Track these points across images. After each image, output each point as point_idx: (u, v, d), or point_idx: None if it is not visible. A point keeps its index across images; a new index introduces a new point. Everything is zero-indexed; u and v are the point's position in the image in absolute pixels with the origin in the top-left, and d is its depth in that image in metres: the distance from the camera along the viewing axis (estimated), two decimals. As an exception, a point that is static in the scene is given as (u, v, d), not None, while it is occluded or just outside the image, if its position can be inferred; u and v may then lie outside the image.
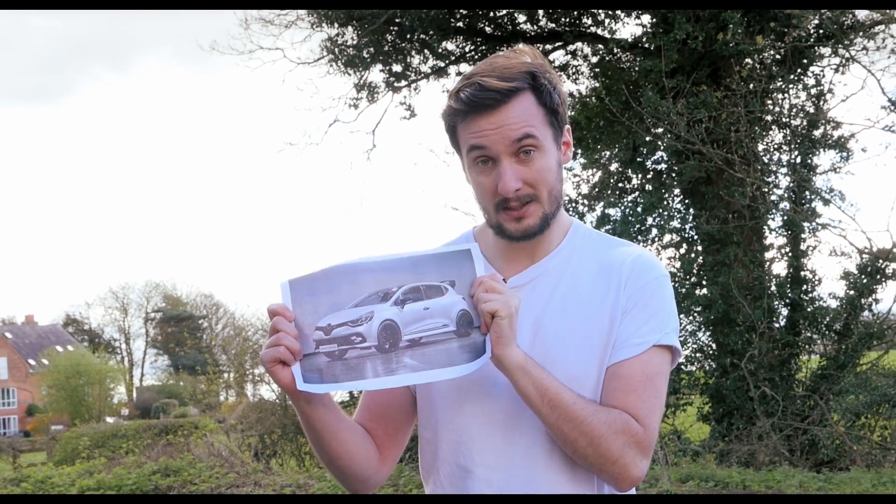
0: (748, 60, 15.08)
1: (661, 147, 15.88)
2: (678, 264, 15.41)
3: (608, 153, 17.58)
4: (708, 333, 15.20)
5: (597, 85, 17.55)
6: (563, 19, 17.47)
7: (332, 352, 2.15)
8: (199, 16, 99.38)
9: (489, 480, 2.28)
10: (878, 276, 14.22)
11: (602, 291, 2.30)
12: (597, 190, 17.07)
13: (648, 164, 16.76)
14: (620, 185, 17.13)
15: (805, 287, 14.71)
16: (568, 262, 2.35)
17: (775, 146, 15.69)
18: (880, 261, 14.11)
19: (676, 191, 16.05)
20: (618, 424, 2.18)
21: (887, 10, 13.77)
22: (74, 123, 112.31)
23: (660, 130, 15.22)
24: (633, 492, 2.36)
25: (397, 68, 18.47)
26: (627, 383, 2.24)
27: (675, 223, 16.01)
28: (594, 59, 18.07)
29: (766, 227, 15.34)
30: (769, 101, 15.14)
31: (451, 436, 2.33)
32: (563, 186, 2.36)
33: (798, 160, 15.03)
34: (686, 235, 15.90)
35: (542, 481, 2.26)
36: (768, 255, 15.41)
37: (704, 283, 15.27)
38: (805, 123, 15.07)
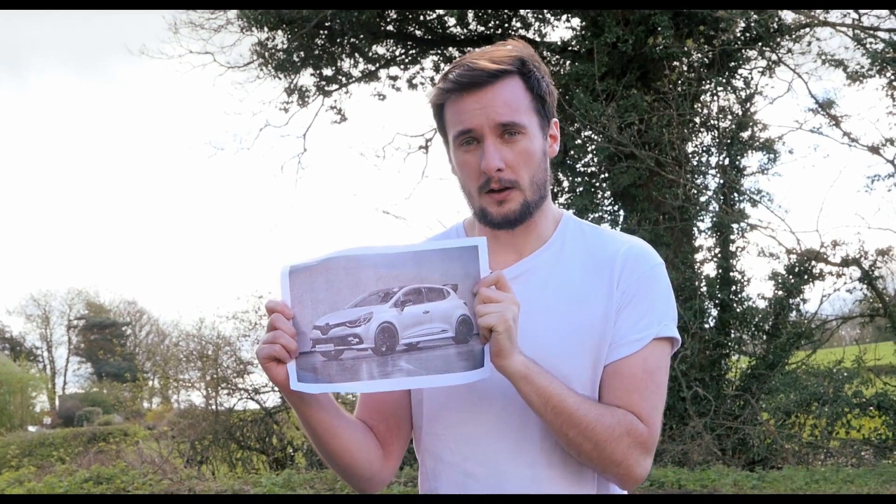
0: (677, 64, 15.23)
1: (592, 149, 15.96)
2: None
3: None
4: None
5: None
6: (491, 22, 17.52)
7: (328, 352, 2.13)
8: (104, 18, 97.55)
9: (488, 484, 2.26)
10: (806, 277, 14.42)
11: (594, 286, 2.28)
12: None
13: (579, 166, 16.83)
14: (551, 187, 17.14)
15: (734, 288, 14.86)
16: (559, 257, 2.34)
17: (704, 148, 15.85)
18: (808, 261, 14.30)
19: (607, 193, 16.12)
20: (622, 426, 2.17)
21: (813, 13, 13.96)
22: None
23: (590, 133, 15.30)
24: (624, 491, 2.36)
25: (328, 72, 18.44)
26: (629, 382, 2.23)
27: (606, 226, 16.06)
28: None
29: (695, 229, 15.49)
30: (697, 104, 15.30)
31: (448, 441, 2.31)
32: (549, 178, 2.36)
33: (727, 162, 15.21)
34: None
35: (542, 485, 2.24)
36: (698, 256, 15.55)
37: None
38: (733, 126, 15.25)
